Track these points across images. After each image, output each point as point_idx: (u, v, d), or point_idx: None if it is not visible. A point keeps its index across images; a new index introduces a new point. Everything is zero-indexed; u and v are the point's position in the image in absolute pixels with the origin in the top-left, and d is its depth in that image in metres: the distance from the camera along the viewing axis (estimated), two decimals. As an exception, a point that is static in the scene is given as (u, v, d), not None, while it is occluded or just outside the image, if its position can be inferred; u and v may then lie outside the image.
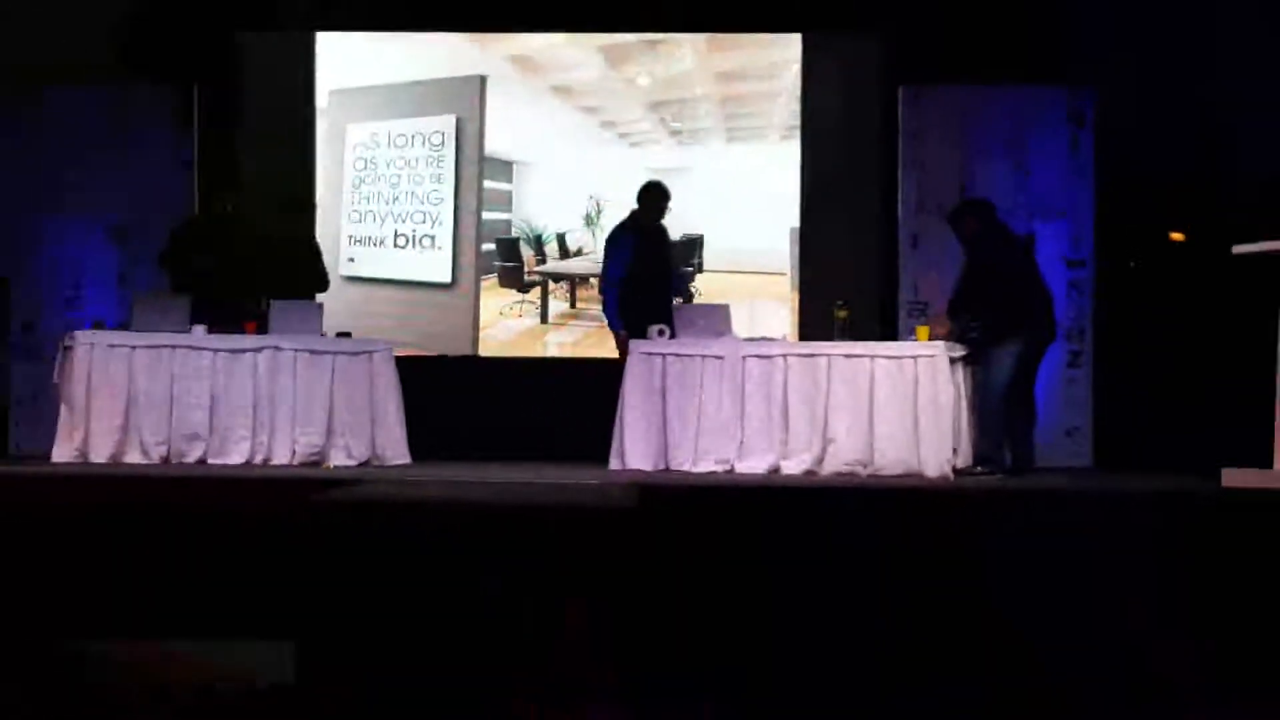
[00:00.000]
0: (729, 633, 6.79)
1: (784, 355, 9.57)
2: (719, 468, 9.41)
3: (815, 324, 11.36)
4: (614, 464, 9.56)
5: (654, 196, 10.42)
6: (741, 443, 9.47)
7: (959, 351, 9.43)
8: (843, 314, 9.91)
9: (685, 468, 9.44)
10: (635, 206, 10.50)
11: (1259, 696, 6.24)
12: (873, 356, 9.48)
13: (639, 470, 9.39)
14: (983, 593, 6.94)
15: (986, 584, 7.02)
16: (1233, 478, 8.18)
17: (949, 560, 7.24)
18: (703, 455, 9.47)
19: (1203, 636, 6.54)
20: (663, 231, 10.51)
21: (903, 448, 9.29)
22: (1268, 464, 8.08)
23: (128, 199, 11.32)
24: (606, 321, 10.49)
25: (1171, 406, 10.23)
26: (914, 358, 9.40)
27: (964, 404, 9.46)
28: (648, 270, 10.31)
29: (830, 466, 9.37)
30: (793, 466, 9.39)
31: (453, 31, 12.43)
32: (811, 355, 9.54)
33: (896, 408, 9.34)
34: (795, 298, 12.19)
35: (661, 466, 9.49)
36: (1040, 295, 9.60)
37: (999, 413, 9.40)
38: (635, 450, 9.53)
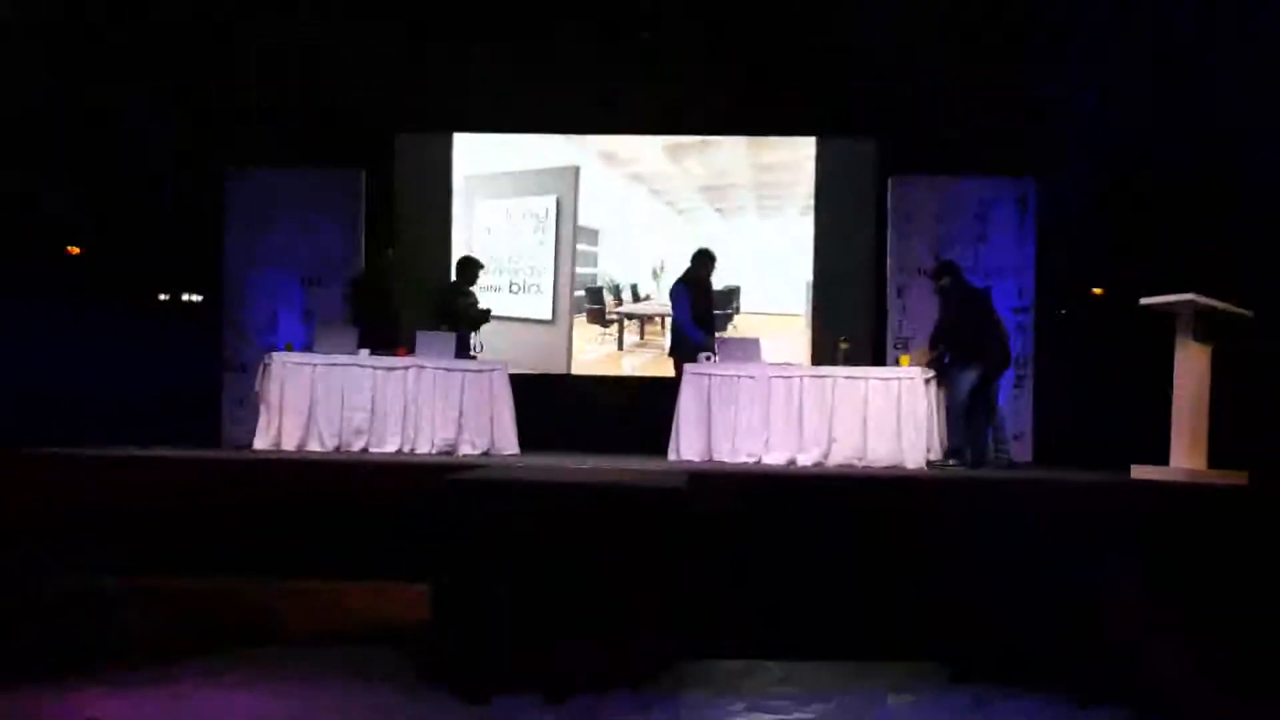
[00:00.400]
0: (755, 579, 6.78)
1: (800, 376, 9.50)
2: (750, 459, 9.35)
3: (823, 353, 11.34)
4: (671, 456, 9.45)
5: (705, 259, 10.37)
6: (767, 441, 9.41)
7: (931, 374, 9.40)
8: (844, 346, 9.92)
9: (724, 459, 9.36)
10: (690, 266, 10.43)
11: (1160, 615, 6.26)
12: (867, 378, 9.43)
13: (689, 461, 9.35)
14: (948, 550, 6.94)
15: (952, 545, 7.03)
16: (1139, 472, 8.18)
17: (924, 528, 7.24)
18: (738, 450, 9.40)
19: (1112, 576, 6.58)
20: (709, 284, 10.49)
21: (889, 446, 9.25)
22: (1165, 462, 8.10)
23: (313, 256, 11.39)
24: (695, 343, 10.01)
25: (1093, 417, 10.15)
26: (898, 379, 9.34)
27: (934, 414, 9.41)
28: (698, 313, 10.27)
29: (834, 460, 9.30)
30: (806, 459, 9.31)
31: (555, 133, 12.49)
32: (821, 376, 9.47)
33: (885, 416, 9.27)
34: (808, 333, 12.13)
35: (707, 459, 9.41)
36: (995, 333, 9.54)
37: (960, 419, 9.36)
38: (688, 446, 9.45)
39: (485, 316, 10.66)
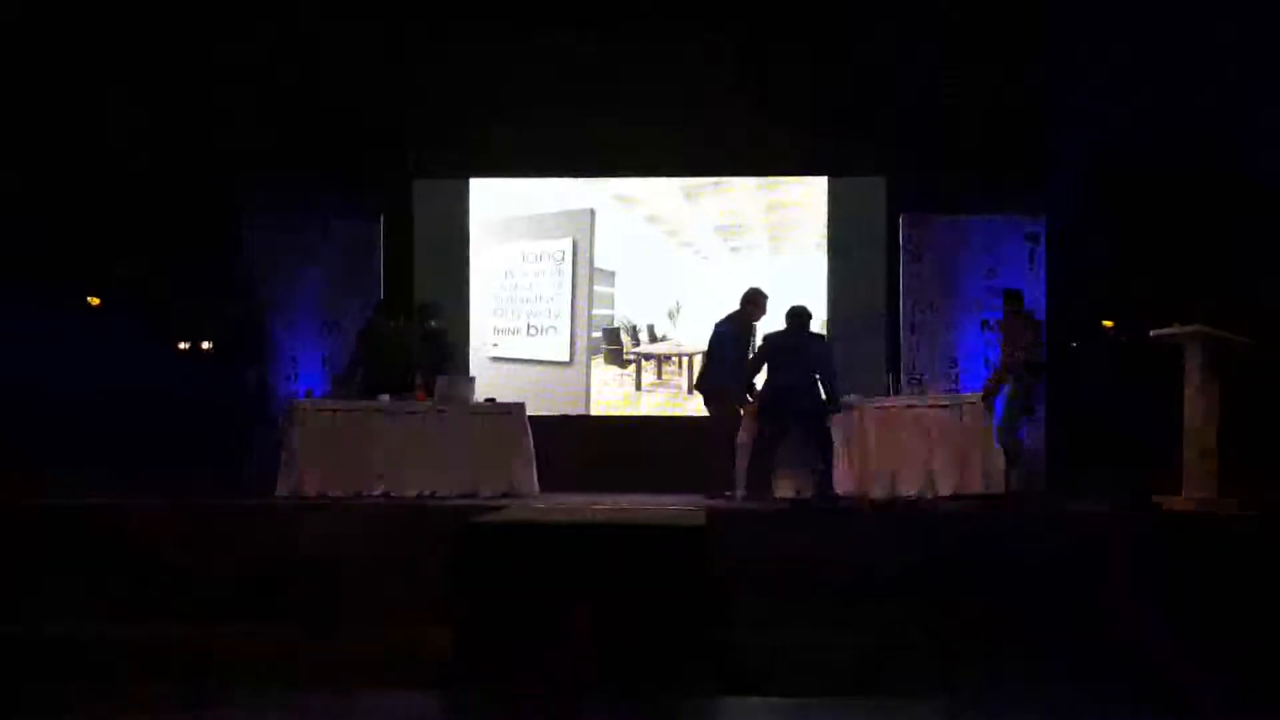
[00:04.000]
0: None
1: (860, 409, 9.64)
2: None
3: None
4: (739, 492, 9.48)
5: (759, 302, 10.31)
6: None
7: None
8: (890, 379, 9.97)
9: (787, 495, 9.47)
10: (737, 308, 10.32)
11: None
12: (928, 407, 9.58)
13: (748, 494, 9.38)
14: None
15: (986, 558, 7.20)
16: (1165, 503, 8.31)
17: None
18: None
19: (1113, 589, 6.67)
20: (752, 326, 10.41)
21: (953, 474, 9.35)
22: (1178, 491, 8.21)
23: (334, 302, 11.45)
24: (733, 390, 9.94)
25: (1104, 450, 10.18)
26: (959, 405, 9.51)
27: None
28: (738, 354, 10.22)
29: (900, 490, 9.41)
30: (878, 491, 9.43)
31: (570, 176, 12.56)
32: (884, 408, 9.64)
33: (948, 445, 9.40)
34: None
35: (768, 494, 9.47)
36: None
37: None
38: (750, 483, 9.49)
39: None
